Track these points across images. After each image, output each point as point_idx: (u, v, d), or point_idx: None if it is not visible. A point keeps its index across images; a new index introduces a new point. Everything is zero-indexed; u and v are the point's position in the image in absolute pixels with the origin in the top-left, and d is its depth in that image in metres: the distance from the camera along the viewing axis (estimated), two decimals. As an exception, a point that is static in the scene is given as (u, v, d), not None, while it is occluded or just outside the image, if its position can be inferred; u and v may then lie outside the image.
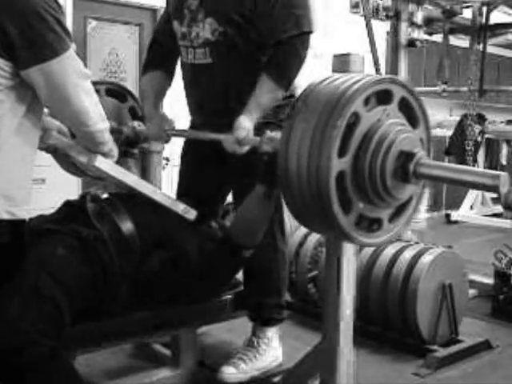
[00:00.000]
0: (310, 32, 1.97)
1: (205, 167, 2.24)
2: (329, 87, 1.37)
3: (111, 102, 2.15)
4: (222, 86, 2.06)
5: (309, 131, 1.31)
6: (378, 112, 1.36)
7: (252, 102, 1.92)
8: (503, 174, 1.26)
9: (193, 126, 2.27)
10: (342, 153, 1.31)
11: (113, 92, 2.17)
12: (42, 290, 1.56)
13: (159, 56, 2.24)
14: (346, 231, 1.36)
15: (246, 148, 1.86)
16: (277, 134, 1.63)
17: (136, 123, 2.09)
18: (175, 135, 2.15)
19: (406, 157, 1.35)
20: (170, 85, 2.26)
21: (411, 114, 1.45)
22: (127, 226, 1.81)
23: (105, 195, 1.92)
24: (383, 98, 1.38)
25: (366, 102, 1.35)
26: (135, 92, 2.28)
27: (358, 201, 1.36)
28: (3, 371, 1.49)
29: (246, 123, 1.87)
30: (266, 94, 1.93)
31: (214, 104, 2.10)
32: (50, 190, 3.74)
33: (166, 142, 2.17)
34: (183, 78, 2.20)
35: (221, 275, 2.02)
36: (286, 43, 1.93)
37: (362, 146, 1.33)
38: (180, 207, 1.91)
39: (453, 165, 1.40)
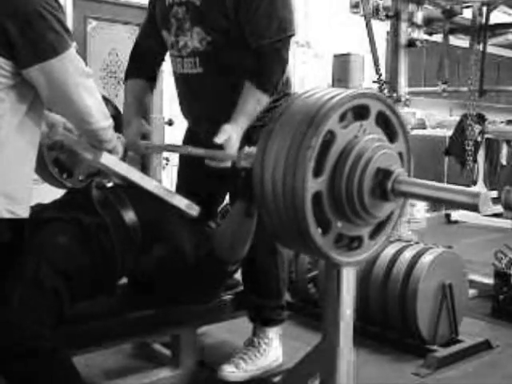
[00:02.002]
0: (292, 35, 1.97)
1: (203, 168, 2.24)
2: (303, 105, 1.33)
3: None
4: (214, 94, 2.04)
5: (283, 152, 1.28)
6: (355, 128, 1.33)
7: (237, 109, 1.90)
8: (483, 192, 1.22)
9: (189, 130, 2.28)
10: (317, 172, 1.28)
11: None
12: (42, 281, 1.57)
13: (140, 64, 2.22)
14: (324, 252, 1.33)
15: (225, 164, 1.83)
16: (254, 150, 1.58)
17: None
18: (154, 150, 2.13)
19: (384, 174, 1.32)
20: (152, 92, 2.24)
21: (389, 127, 1.42)
22: (130, 215, 1.82)
23: (110, 184, 1.92)
24: (360, 113, 1.35)
25: (342, 118, 1.32)
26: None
27: (337, 220, 1.33)
28: (5, 363, 1.49)
29: (228, 130, 1.84)
30: (250, 101, 1.91)
31: (207, 112, 2.09)
32: (50, 189, 3.74)
33: (142, 155, 2.14)
34: (175, 87, 2.19)
35: (211, 279, 2.01)
36: (269, 48, 1.92)
37: (338, 164, 1.30)
38: (183, 203, 1.92)
39: (431, 182, 1.34)
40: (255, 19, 1.91)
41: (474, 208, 1.22)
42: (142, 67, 2.21)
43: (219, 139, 1.81)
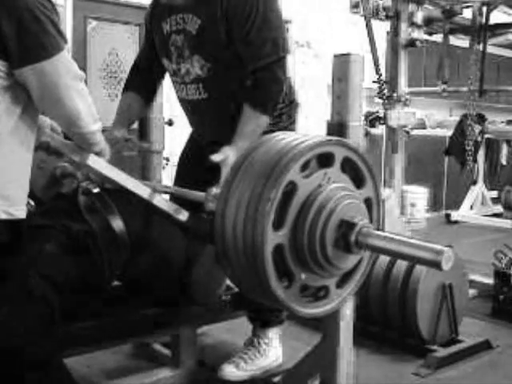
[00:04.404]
0: (286, 55, 1.97)
1: (201, 169, 2.24)
2: (264, 154, 1.30)
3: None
4: (220, 119, 2.06)
5: (243, 204, 1.24)
6: (319, 177, 1.29)
7: (237, 132, 1.92)
8: (446, 249, 1.18)
9: (192, 137, 2.32)
10: (278, 225, 1.24)
11: None
12: (31, 290, 1.56)
13: (136, 81, 2.25)
14: (287, 305, 1.30)
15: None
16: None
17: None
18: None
19: (347, 226, 1.28)
20: (146, 106, 2.28)
21: (356, 173, 1.39)
22: (117, 222, 1.81)
23: (96, 190, 1.92)
24: (324, 160, 1.32)
25: (305, 167, 1.28)
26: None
27: (300, 272, 1.30)
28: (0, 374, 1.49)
29: (226, 151, 1.85)
30: (249, 123, 1.92)
31: (212, 134, 2.12)
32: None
33: (142, 155, 2.16)
34: (183, 110, 2.21)
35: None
36: (265, 70, 1.93)
37: (300, 216, 1.26)
38: (172, 207, 1.92)
39: (396, 236, 1.30)
40: (248, 43, 1.92)
41: (436, 265, 1.18)
42: (136, 84, 2.24)
43: (216, 158, 1.83)
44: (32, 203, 1.93)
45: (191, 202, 2.00)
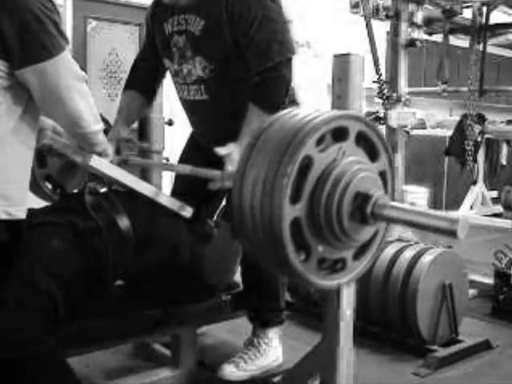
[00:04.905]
0: (293, 56, 1.99)
1: (202, 166, 2.24)
2: (279, 130, 1.31)
3: None
4: (221, 120, 2.07)
5: (260, 180, 1.26)
6: (334, 151, 1.30)
7: (242, 131, 1.92)
8: (462, 218, 1.21)
9: (193, 137, 2.32)
10: (295, 199, 1.25)
11: None
12: (37, 284, 1.57)
13: (137, 79, 2.26)
14: (305, 278, 1.32)
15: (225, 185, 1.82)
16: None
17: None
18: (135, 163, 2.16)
19: (363, 198, 1.30)
20: (147, 105, 2.29)
21: (370, 147, 1.39)
22: (123, 219, 1.82)
23: (103, 190, 1.93)
24: (339, 134, 1.32)
25: (320, 141, 1.29)
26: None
27: (317, 245, 1.31)
28: (1, 368, 1.49)
29: (231, 147, 1.86)
30: (255, 121, 1.91)
31: (212, 134, 2.12)
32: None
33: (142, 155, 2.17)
34: (184, 110, 2.21)
35: (200, 293, 2.02)
36: (272, 71, 1.93)
37: (317, 190, 1.27)
38: (176, 204, 1.93)
39: (412, 207, 1.33)
40: (254, 45, 1.93)
41: (453, 234, 1.20)
42: (137, 82, 2.25)
43: (221, 151, 1.83)
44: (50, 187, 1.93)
45: (196, 198, 2.01)
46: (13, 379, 1.50)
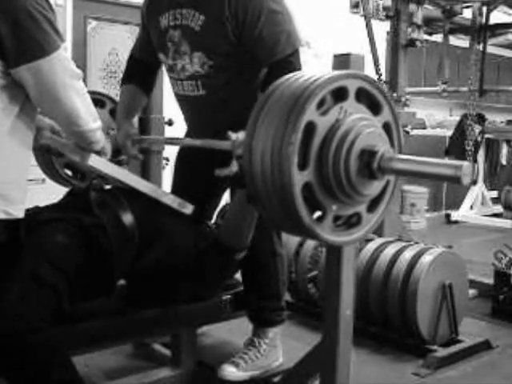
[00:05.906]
0: (300, 47, 1.98)
1: (201, 166, 2.24)
2: (279, 99, 1.33)
3: None
4: (217, 115, 2.06)
5: (267, 150, 1.29)
6: (335, 111, 1.33)
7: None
8: (465, 164, 1.23)
9: (189, 135, 2.28)
10: (303, 165, 1.28)
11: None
12: (41, 277, 1.57)
13: (135, 72, 2.25)
14: (323, 237, 1.35)
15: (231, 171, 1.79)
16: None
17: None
18: (152, 144, 2.15)
19: (369, 155, 1.33)
20: (146, 95, 2.27)
21: (371, 101, 1.42)
22: (127, 216, 1.83)
23: (108, 186, 1.94)
24: (338, 95, 1.34)
25: (321, 104, 1.31)
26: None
27: (331, 204, 1.35)
28: (3, 357, 1.49)
29: (240, 135, 1.79)
30: None
31: (208, 130, 2.07)
32: (50, 190, 3.74)
33: (134, 157, 2.17)
34: (178, 105, 2.20)
35: (211, 275, 2.02)
36: (282, 62, 1.92)
37: (323, 153, 1.30)
38: (176, 201, 1.93)
39: (416, 157, 1.35)
40: (262, 39, 1.92)
41: (457, 180, 1.24)
42: (135, 75, 2.24)
43: (232, 135, 1.77)
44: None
45: (194, 198, 2.00)
46: (13, 368, 1.50)
